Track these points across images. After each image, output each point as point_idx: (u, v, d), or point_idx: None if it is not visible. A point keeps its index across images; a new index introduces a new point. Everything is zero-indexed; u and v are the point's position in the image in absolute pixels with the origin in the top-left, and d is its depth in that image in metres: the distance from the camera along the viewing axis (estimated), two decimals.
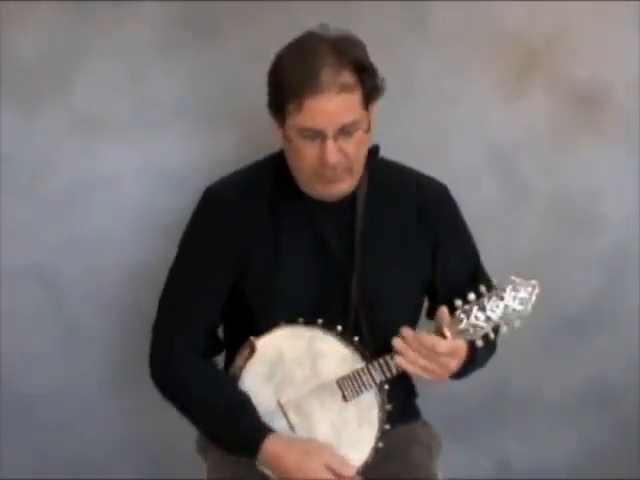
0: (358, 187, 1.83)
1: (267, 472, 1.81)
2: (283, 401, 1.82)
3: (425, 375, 1.79)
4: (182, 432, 2.48)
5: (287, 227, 1.83)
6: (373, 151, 1.84)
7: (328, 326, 1.80)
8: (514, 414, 2.56)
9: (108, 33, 2.30)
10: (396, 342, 1.76)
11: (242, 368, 1.82)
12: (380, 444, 1.82)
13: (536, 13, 2.34)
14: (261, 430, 1.78)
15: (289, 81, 1.69)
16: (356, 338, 1.80)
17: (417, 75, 2.35)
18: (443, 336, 1.75)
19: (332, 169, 1.72)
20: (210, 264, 1.86)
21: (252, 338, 1.80)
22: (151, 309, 2.34)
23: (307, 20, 2.31)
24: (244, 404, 1.80)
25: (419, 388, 2.08)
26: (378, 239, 1.85)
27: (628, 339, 2.50)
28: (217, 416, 1.80)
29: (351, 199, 1.83)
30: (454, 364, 1.78)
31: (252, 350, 1.80)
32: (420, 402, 2.12)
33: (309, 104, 1.67)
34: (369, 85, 1.74)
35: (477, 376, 2.09)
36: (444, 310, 1.76)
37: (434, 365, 1.76)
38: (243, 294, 1.85)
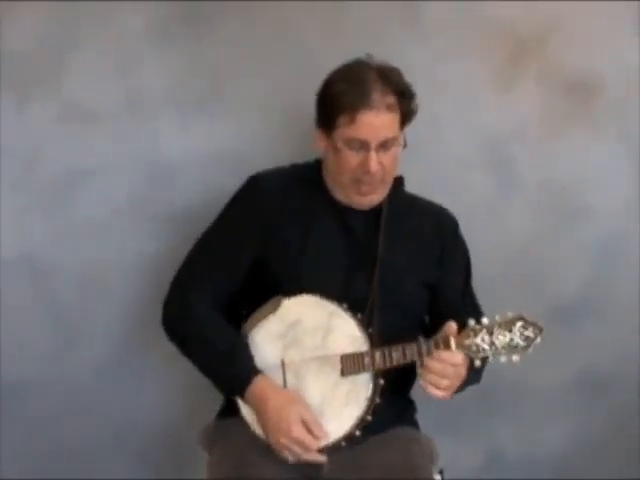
0: (386, 198, 2.05)
1: (246, 413, 1.94)
2: (287, 361, 1.94)
3: (448, 393, 1.92)
4: (179, 423, 2.50)
5: (318, 221, 2.03)
6: (399, 179, 2.08)
7: (351, 311, 1.93)
8: (506, 404, 2.57)
9: (99, 23, 2.30)
10: (422, 376, 1.90)
11: (260, 320, 1.96)
12: (357, 432, 1.91)
13: (528, 3, 2.35)
14: (253, 370, 1.93)
15: (344, 99, 1.94)
16: (370, 330, 1.93)
17: (409, 65, 2.31)
18: (448, 346, 1.89)
19: (371, 177, 1.95)
20: (238, 237, 2.04)
21: (280, 296, 1.95)
22: (147, 299, 2.36)
23: (299, 9, 2.33)
24: (243, 347, 1.96)
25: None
26: (397, 238, 2.05)
27: (620, 329, 2.50)
28: (216, 354, 1.96)
29: (378, 207, 2.04)
30: (465, 371, 1.93)
31: (276, 307, 1.95)
32: (412, 394, 2.14)
33: (361, 118, 1.92)
34: (406, 109, 1.99)
35: None
36: (452, 324, 1.90)
37: (454, 379, 1.91)
38: (271, 276, 2.01)
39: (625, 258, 2.47)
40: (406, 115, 1.99)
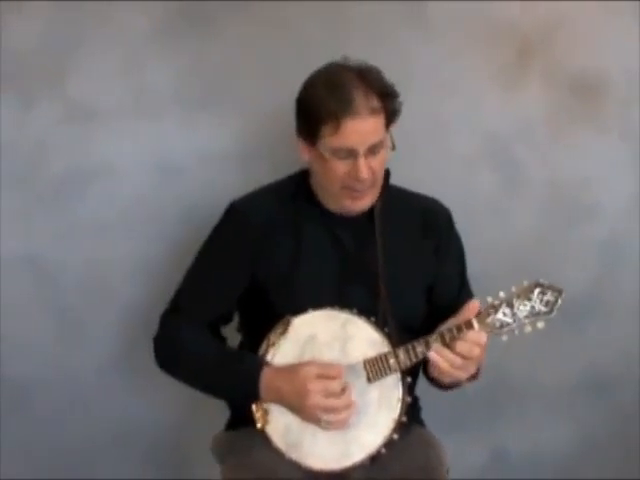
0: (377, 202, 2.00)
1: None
2: None
3: (460, 374, 1.87)
4: (182, 424, 2.50)
5: (307, 236, 1.99)
6: (387, 173, 2.01)
7: (363, 314, 1.89)
8: (510, 403, 2.57)
9: (104, 22, 2.30)
10: (451, 361, 1.84)
11: (274, 344, 1.89)
12: (395, 435, 1.87)
13: (533, 3, 2.35)
14: (255, 369, 1.87)
15: (326, 107, 1.86)
16: (386, 329, 1.89)
17: (415, 65, 2.35)
18: (471, 328, 1.85)
19: (362, 183, 1.90)
20: (225, 268, 2.01)
21: (288, 316, 1.89)
22: (148, 298, 2.35)
23: (302, 9, 2.33)
24: (238, 352, 1.97)
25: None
26: (393, 245, 1.99)
27: (624, 328, 2.51)
28: (212, 365, 1.93)
29: (366, 212, 1.99)
30: (483, 355, 1.88)
31: (286, 328, 1.89)
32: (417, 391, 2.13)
33: (345, 126, 1.86)
34: (391, 109, 1.93)
35: None
36: (474, 303, 1.87)
37: (478, 361, 1.87)
38: (265, 296, 1.98)
39: (630, 258, 2.47)
40: (391, 115, 1.93)
